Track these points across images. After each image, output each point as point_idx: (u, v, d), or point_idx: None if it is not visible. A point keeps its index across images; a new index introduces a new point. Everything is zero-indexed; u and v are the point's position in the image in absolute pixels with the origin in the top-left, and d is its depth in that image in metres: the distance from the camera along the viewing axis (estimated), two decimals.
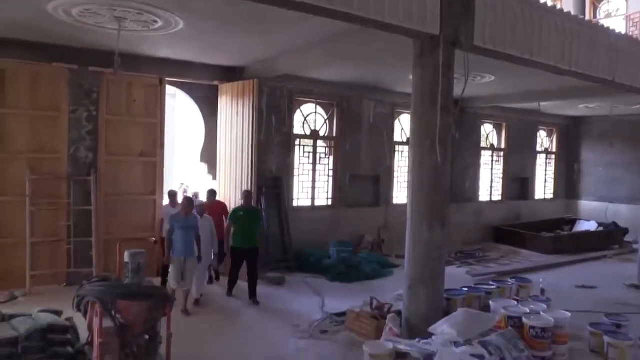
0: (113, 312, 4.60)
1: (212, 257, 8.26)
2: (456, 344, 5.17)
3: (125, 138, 8.76)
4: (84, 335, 5.20)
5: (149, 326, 4.86)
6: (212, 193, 9.00)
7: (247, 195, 8.15)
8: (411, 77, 6.06)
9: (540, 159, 16.42)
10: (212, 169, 10.03)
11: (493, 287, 7.32)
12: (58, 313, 5.45)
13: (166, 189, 9.17)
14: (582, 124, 16.77)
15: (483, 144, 14.59)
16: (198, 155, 10.25)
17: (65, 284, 8.12)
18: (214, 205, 8.73)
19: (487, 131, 14.83)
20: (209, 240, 7.88)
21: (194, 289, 7.60)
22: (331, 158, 11.36)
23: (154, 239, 8.02)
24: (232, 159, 9.38)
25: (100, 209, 8.37)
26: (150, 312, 4.84)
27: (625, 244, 13.97)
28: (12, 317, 5.22)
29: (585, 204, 16.64)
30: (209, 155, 10.07)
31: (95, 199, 8.31)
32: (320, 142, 11.30)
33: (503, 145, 15.11)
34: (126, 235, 7.86)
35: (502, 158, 15.07)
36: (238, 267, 7.98)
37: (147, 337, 5.00)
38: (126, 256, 4.90)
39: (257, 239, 8.08)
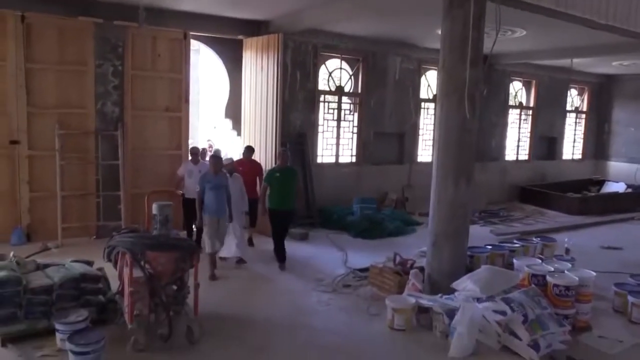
0: (142, 263, 4.73)
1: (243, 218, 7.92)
2: (478, 300, 5.20)
3: (151, 93, 8.80)
4: (114, 285, 5.38)
5: (176, 276, 5.00)
6: (248, 150, 8.56)
7: (283, 154, 7.63)
8: (439, 31, 5.90)
9: (570, 118, 16.03)
10: (237, 125, 10.04)
11: (517, 245, 7.28)
12: (90, 263, 5.63)
13: (191, 145, 9.24)
14: (615, 82, 16.22)
15: (511, 102, 14.27)
16: (222, 111, 10.25)
17: (95, 236, 8.35)
18: (249, 164, 8.41)
19: (516, 89, 14.48)
20: (238, 200, 7.53)
21: (234, 248, 7.44)
22: (356, 115, 11.26)
23: (181, 191, 8.03)
24: (257, 114, 9.36)
25: (127, 163, 8.50)
26: (177, 263, 4.96)
27: None
28: (46, 266, 5.41)
29: (615, 165, 16.29)
30: (234, 111, 10.06)
31: (123, 153, 8.42)
32: (344, 99, 11.19)
33: (532, 104, 14.75)
34: (153, 189, 7.92)
35: (530, 117, 14.75)
36: (280, 231, 7.58)
37: (175, 287, 5.16)
38: (154, 208, 4.99)
39: (294, 201, 7.68)
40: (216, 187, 6.75)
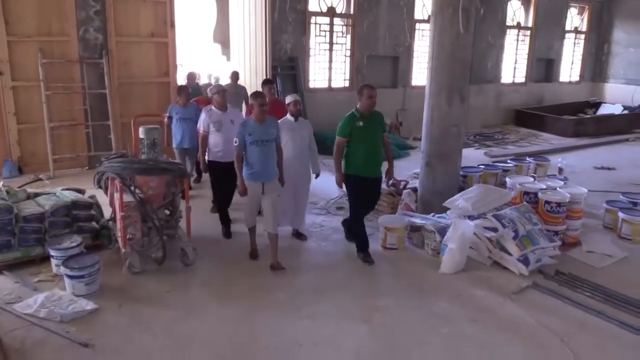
0: (132, 187, 4.70)
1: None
2: (470, 217, 5.24)
3: (135, 18, 8.46)
4: (107, 212, 5.38)
5: (168, 200, 4.99)
6: (265, 82, 7.47)
7: (369, 92, 5.02)
8: None
9: (569, 39, 15.60)
10: (226, 50, 9.76)
11: (510, 165, 7.27)
12: (81, 191, 5.61)
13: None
14: (616, 1, 15.69)
15: (509, 23, 13.85)
16: (210, 35, 9.94)
17: (87, 167, 8.30)
18: (271, 104, 5.89)
19: (514, 8, 14.00)
20: (305, 156, 5.74)
21: (289, 218, 5.76)
22: (348, 37, 10.94)
23: (167, 115, 7.24)
24: (246, 38, 9.08)
25: (114, 92, 8.31)
26: (168, 187, 4.95)
27: None
28: (37, 195, 5.40)
29: (612, 87, 16.05)
30: (222, 35, 9.74)
31: (109, 81, 8.21)
32: (336, 20, 10.82)
33: (530, 24, 14.31)
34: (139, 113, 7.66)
35: (527, 37, 14.35)
36: (364, 208, 5.37)
37: (167, 211, 5.17)
38: (141, 132, 4.90)
39: (381, 162, 5.29)
40: (262, 141, 4.85)
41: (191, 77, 9.20)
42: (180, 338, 3.82)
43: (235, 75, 8.61)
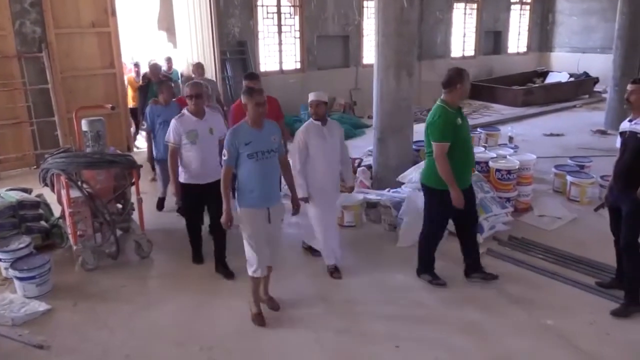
0: (79, 182, 4.56)
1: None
2: None
3: (73, 8, 8.14)
4: (58, 211, 5.22)
5: (118, 194, 4.87)
6: (250, 77, 5.11)
7: (464, 80, 4.05)
8: None
9: (514, 10, 15.90)
10: (172, 37, 9.53)
11: None
12: (27, 191, 5.41)
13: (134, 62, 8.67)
14: None
15: None
16: (155, 23, 9.68)
17: (34, 166, 7.99)
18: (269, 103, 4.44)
19: None
20: (334, 169, 4.55)
21: (329, 250, 4.53)
22: (296, 18, 10.84)
23: (110, 105, 6.54)
24: (191, 24, 8.88)
25: (58, 86, 8.01)
26: (117, 180, 4.82)
27: (595, 93, 14.10)
28: None
29: (558, 56, 16.50)
30: (167, 22, 9.50)
31: (52, 75, 7.90)
32: (284, 2, 10.68)
33: None
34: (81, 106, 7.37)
35: (475, 11, 14.54)
36: (466, 222, 4.33)
37: (119, 205, 5.05)
38: (83, 125, 4.75)
39: None
40: (263, 152, 3.65)
41: (155, 70, 7.84)
42: (139, 331, 3.76)
43: (200, 68, 7.52)
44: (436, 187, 4.06)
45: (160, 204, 6.14)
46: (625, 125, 3.90)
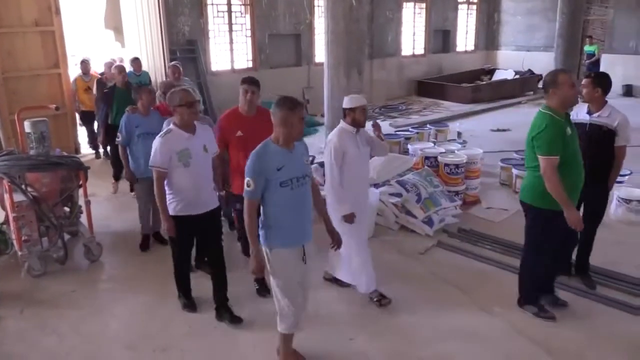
0: (23, 186, 4.41)
1: None
2: (376, 185, 5.40)
3: (15, 6, 7.84)
4: (1, 216, 5.03)
5: (65, 197, 4.74)
6: (250, 82, 4.57)
7: (569, 79, 3.44)
8: None
9: (462, 10, 16.32)
10: (120, 36, 9.32)
11: (412, 132, 7.55)
12: None
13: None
14: None
15: None
16: (102, 22, 9.44)
17: None
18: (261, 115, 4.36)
19: None
20: (365, 186, 4.24)
21: (369, 275, 4.01)
22: (247, 17, 10.79)
23: (54, 105, 6.14)
24: (139, 23, 8.70)
25: None
26: (64, 183, 4.70)
27: (539, 90, 14.61)
28: None
29: (504, 54, 17.02)
30: (115, 20, 9.28)
31: None
32: (234, 0, 10.61)
33: None
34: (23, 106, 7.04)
35: (424, 10, 14.84)
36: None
37: (66, 208, 4.91)
38: (27, 126, 4.59)
39: None
40: (297, 179, 2.99)
41: (121, 73, 6.76)
42: (89, 336, 3.68)
43: (176, 71, 6.84)
44: (543, 207, 3.52)
45: (145, 243, 5.05)
46: (584, 117, 3.90)
